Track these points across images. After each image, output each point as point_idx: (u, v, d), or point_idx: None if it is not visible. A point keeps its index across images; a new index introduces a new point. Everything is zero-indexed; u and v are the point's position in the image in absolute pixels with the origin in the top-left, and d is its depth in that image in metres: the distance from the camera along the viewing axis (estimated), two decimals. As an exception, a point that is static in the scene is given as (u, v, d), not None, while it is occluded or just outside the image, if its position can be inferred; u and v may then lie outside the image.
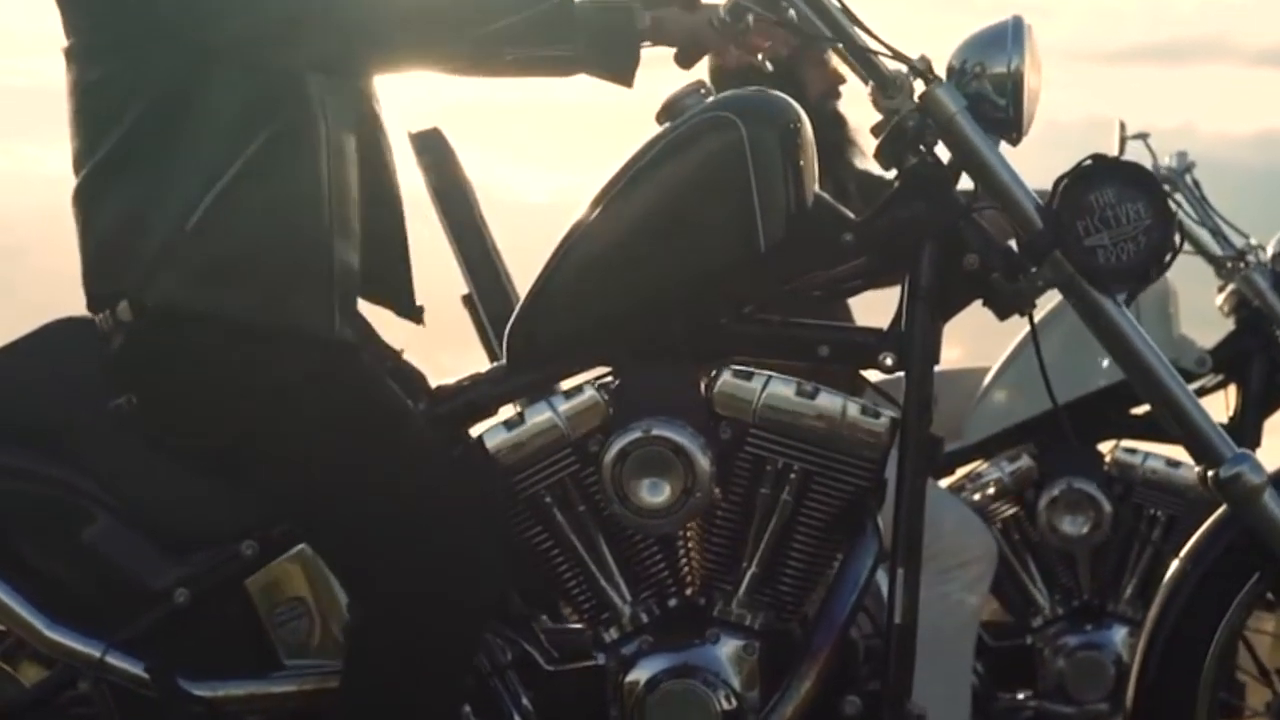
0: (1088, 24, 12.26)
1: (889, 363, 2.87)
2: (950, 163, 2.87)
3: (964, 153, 2.84)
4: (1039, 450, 4.88)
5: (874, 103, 2.87)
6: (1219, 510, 2.90)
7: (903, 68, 2.84)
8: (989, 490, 4.92)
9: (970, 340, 5.49)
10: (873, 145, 2.91)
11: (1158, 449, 4.81)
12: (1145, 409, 4.79)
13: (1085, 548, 4.85)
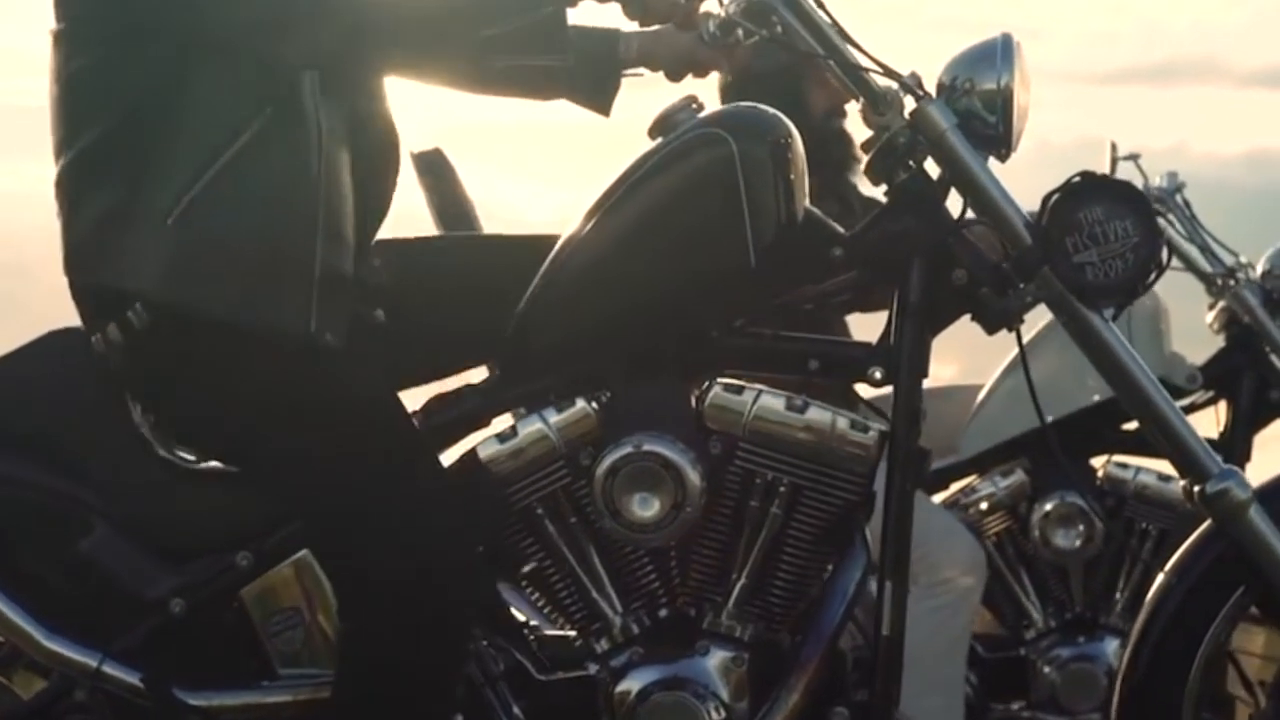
0: (1080, 46, 12.27)
1: (878, 376, 2.89)
2: (940, 179, 2.87)
3: (954, 169, 2.84)
4: (1032, 465, 4.89)
5: (864, 119, 2.87)
6: (1204, 525, 2.91)
7: (893, 84, 2.85)
8: (983, 505, 4.93)
9: (965, 357, 5.52)
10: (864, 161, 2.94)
11: (1150, 464, 4.83)
12: (1137, 424, 4.79)
13: (1078, 561, 4.88)
